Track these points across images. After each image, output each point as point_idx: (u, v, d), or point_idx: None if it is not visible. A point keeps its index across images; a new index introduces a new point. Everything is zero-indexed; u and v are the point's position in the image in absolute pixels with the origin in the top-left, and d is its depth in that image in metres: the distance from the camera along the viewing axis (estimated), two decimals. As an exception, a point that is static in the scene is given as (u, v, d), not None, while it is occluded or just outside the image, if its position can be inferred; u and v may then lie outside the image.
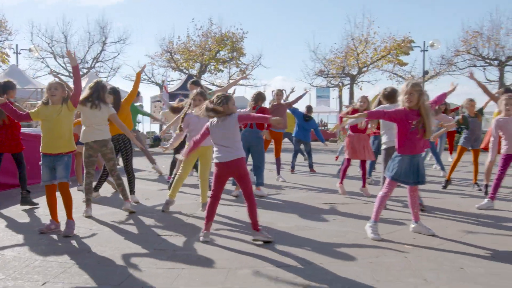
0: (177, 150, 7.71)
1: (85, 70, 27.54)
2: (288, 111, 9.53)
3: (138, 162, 12.24)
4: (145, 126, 26.85)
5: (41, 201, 6.50)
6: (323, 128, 30.49)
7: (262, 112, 7.29)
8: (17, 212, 6.16)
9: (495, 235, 4.97)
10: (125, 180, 6.57)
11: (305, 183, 8.74)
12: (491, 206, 6.34)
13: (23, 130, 7.02)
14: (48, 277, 3.60)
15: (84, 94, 5.88)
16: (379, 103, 6.29)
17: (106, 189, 7.81)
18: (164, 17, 72.83)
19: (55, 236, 4.84)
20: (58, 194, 4.98)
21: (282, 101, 9.05)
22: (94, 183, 6.51)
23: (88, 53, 29.45)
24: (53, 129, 4.94)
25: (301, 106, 10.79)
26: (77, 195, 6.96)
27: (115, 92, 6.97)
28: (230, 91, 8.51)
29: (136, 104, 10.53)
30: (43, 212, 6.02)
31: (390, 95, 6.13)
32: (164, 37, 32.49)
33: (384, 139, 6.14)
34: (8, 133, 6.36)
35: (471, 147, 7.98)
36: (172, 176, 6.96)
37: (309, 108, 11.02)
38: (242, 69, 30.55)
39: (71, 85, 5.53)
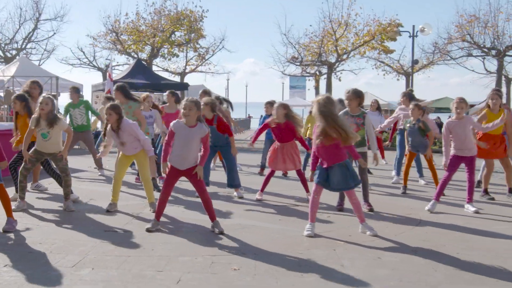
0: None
1: (14, 52, 28.36)
2: None
3: (84, 162, 13.50)
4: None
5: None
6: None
7: (219, 122, 8.56)
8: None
9: (428, 234, 6.52)
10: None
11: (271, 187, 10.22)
12: (433, 208, 7.91)
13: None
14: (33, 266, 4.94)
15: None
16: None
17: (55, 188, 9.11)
18: None
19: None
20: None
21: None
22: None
23: (18, 32, 30.28)
24: None
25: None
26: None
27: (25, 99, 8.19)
28: None
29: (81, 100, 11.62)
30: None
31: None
32: (109, 14, 33.41)
33: None
34: None
35: (419, 152, 9.62)
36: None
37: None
38: (201, 53, 31.91)
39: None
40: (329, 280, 4.61)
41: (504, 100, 32.02)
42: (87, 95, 27.17)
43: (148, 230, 6.29)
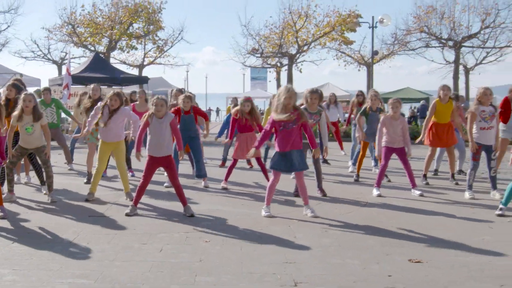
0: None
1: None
2: None
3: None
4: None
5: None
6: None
7: (195, 110, 10.23)
8: None
9: (371, 213, 7.95)
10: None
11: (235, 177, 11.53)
12: (378, 193, 9.36)
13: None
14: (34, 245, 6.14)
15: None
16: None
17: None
18: None
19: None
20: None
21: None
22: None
23: (-32, 24, 30.67)
24: None
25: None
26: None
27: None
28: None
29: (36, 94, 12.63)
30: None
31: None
32: (65, 6, 34.03)
33: None
34: None
35: (373, 141, 11.06)
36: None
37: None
38: (159, 45, 32.95)
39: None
40: (284, 247, 5.98)
41: (463, 90, 34.03)
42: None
43: (127, 214, 7.54)
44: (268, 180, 9.97)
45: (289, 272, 5.10)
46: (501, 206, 7.76)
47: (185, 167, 12.30)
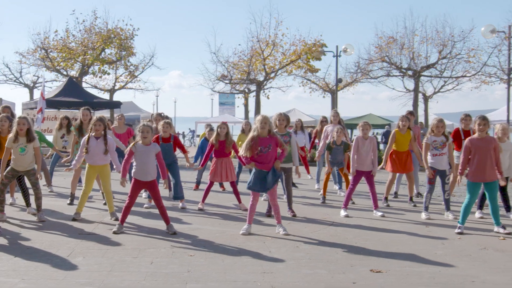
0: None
1: None
2: None
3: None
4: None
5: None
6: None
7: (175, 140, 10.94)
8: None
9: (337, 231, 8.69)
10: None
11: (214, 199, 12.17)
12: (346, 214, 10.12)
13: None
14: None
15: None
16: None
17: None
18: (40, 7, 73.46)
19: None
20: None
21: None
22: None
23: None
24: None
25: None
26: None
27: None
28: None
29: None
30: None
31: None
32: (39, 31, 34.25)
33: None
34: None
35: (337, 167, 11.86)
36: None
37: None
38: (131, 71, 33.50)
39: None
40: (261, 260, 6.70)
41: (422, 116, 35.29)
42: (18, 113, 28.07)
43: (114, 232, 8.13)
44: (240, 202, 10.77)
45: (268, 280, 5.80)
46: (459, 225, 8.63)
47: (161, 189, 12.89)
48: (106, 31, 32.19)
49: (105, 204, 10.43)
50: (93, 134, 9.38)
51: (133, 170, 8.38)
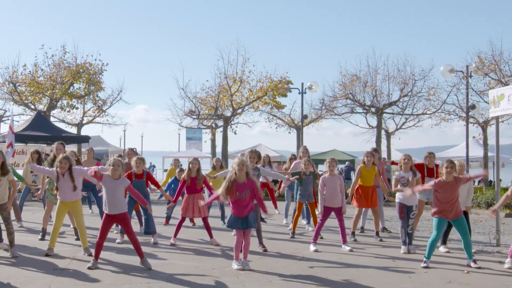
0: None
1: None
2: None
3: None
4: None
5: None
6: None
7: (148, 176, 11.10)
8: None
9: (308, 266, 8.85)
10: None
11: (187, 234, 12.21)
12: (315, 249, 10.29)
13: None
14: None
15: None
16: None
17: None
18: (8, 41, 72.95)
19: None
20: None
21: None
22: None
23: None
24: None
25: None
26: None
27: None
28: None
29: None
30: None
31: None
32: (7, 65, 33.70)
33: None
34: None
35: (307, 201, 12.06)
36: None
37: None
38: (99, 105, 33.41)
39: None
40: (236, 294, 6.80)
41: (385, 152, 35.89)
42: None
43: (89, 268, 8.11)
44: (212, 237, 10.84)
45: (244, 315, 5.92)
46: (425, 259, 8.89)
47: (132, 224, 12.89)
48: (75, 66, 32.12)
49: (77, 239, 10.43)
50: (60, 171, 9.37)
51: (102, 204, 8.47)
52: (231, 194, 8.41)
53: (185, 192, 11.00)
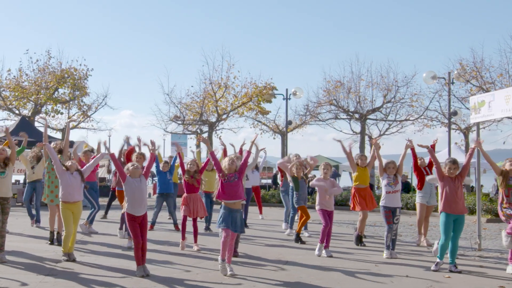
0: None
1: None
2: None
3: None
4: None
5: None
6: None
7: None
8: None
9: (291, 270, 8.93)
10: None
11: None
12: (330, 254, 10.33)
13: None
14: None
15: None
16: None
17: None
18: None
19: None
20: None
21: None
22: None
23: None
24: None
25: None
26: None
27: None
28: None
29: None
30: None
31: None
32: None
33: None
34: None
35: (304, 204, 12.13)
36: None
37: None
38: (84, 110, 33.21)
39: None
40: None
41: (368, 158, 36.07)
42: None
43: (142, 276, 8.12)
44: (195, 242, 10.83)
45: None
46: (438, 260, 9.11)
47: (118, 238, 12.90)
48: (60, 71, 31.93)
49: (50, 244, 10.58)
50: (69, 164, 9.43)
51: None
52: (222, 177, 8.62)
53: (185, 191, 11.04)
